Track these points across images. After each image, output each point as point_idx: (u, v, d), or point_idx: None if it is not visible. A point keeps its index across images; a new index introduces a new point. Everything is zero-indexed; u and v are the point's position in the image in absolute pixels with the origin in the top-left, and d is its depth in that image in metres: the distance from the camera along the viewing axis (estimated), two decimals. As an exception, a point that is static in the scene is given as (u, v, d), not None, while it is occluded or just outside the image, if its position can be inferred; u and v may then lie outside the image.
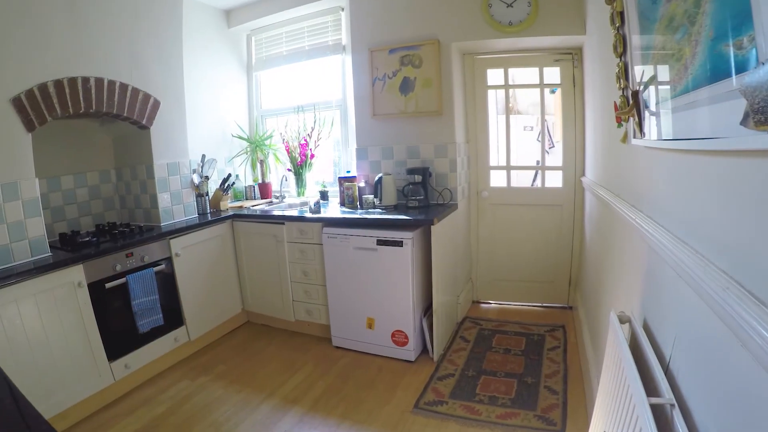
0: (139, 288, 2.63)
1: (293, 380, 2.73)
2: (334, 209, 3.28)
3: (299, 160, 3.82)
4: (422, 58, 3.16)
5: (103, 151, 3.17)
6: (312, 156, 3.84)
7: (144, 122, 2.90)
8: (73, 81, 2.44)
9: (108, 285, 2.49)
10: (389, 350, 2.91)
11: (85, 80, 2.50)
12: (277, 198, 3.92)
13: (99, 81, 2.58)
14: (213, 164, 3.61)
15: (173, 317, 2.92)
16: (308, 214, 3.08)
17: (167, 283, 2.88)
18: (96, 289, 2.44)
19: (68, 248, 2.50)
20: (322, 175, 4.03)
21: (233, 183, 3.76)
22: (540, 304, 3.59)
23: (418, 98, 3.23)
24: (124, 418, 2.43)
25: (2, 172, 2.18)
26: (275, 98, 4.24)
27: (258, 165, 4.08)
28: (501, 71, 3.41)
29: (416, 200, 3.15)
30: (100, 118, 3.00)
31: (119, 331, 2.59)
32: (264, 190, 4.03)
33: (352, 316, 2.99)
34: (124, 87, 2.74)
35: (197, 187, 3.37)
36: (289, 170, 3.92)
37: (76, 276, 2.33)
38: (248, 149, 4.09)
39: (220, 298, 3.30)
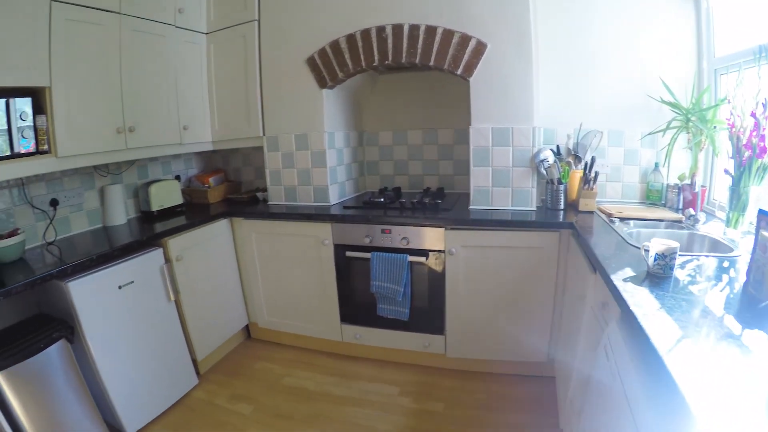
0: (382, 270, 2.33)
1: None
2: (719, 287, 1.31)
3: (746, 154, 1.70)
4: None
5: (461, 106, 2.74)
6: (764, 150, 1.61)
7: (460, 72, 2.21)
8: (366, 33, 2.21)
9: (349, 254, 2.39)
10: None
11: (380, 29, 2.19)
12: (690, 218, 2.00)
13: (397, 28, 2.17)
14: (591, 139, 2.30)
15: (431, 319, 2.39)
16: (620, 280, 1.37)
17: (433, 280, 2.34)
18: (341, 253, 2.41)
19: (360, 205, 2.56)
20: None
21: (597, 173, 2.24)
22: None
23: None
24: (314, 370, 2.51)
25: (297, 124, 2.46)
26: (732, 39, 1.92)
27: (693, 151, 2.16)
28: None
29: None
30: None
31: (358, 301, 2.49)
32: (693, 195, 2.17)
33: None
34: (431, 30, 2.15)
35: (544, 169, 2.29)
36: (726, 172, 1.84)
37: (323, 233, 2.40)
38: (681, 124, 2.20)
39: (520, 332, 2.28)
